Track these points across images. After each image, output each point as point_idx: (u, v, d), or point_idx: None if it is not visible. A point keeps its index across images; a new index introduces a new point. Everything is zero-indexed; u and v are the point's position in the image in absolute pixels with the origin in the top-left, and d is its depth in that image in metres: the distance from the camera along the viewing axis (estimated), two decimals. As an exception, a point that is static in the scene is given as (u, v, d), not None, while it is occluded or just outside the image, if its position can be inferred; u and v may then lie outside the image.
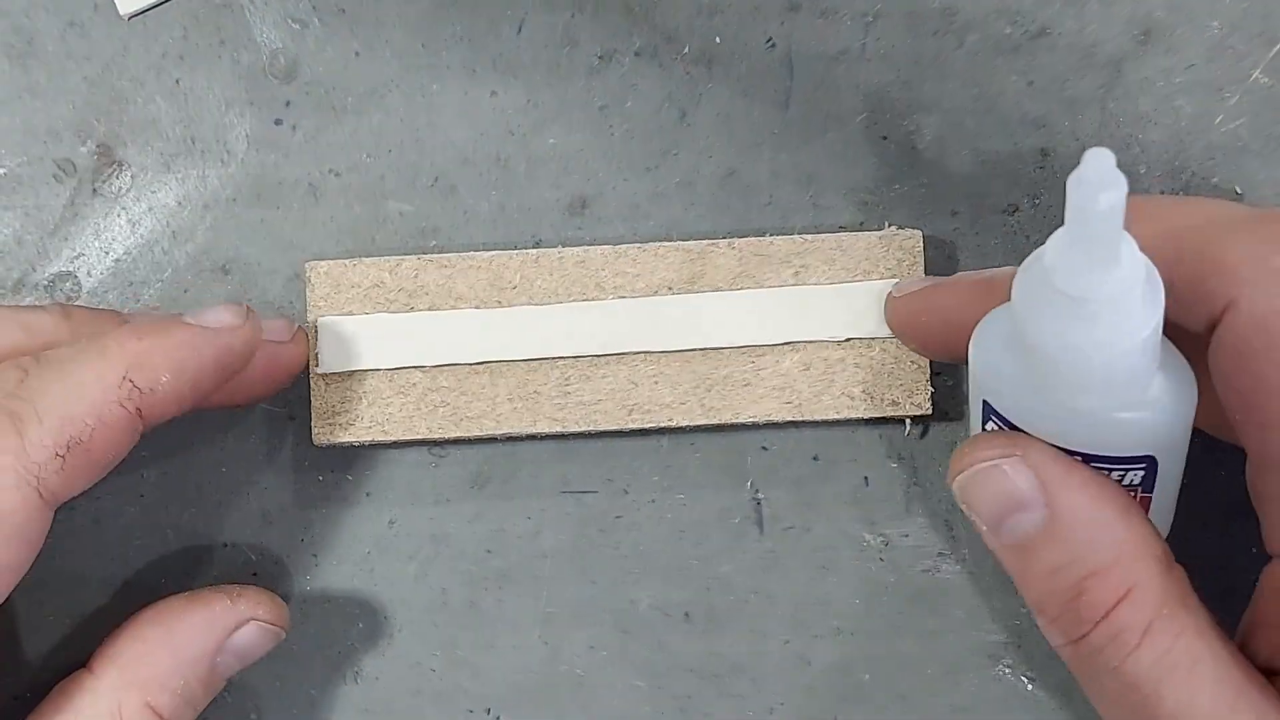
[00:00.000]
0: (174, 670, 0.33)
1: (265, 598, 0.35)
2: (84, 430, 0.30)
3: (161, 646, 0.33)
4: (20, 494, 0.29)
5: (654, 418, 0.36)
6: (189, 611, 0.34)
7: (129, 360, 0.31)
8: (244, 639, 0.34)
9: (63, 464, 0.29)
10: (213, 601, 0.34)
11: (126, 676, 0.33)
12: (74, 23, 0.38)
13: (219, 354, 0.32)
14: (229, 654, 0.34)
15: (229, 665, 0.35)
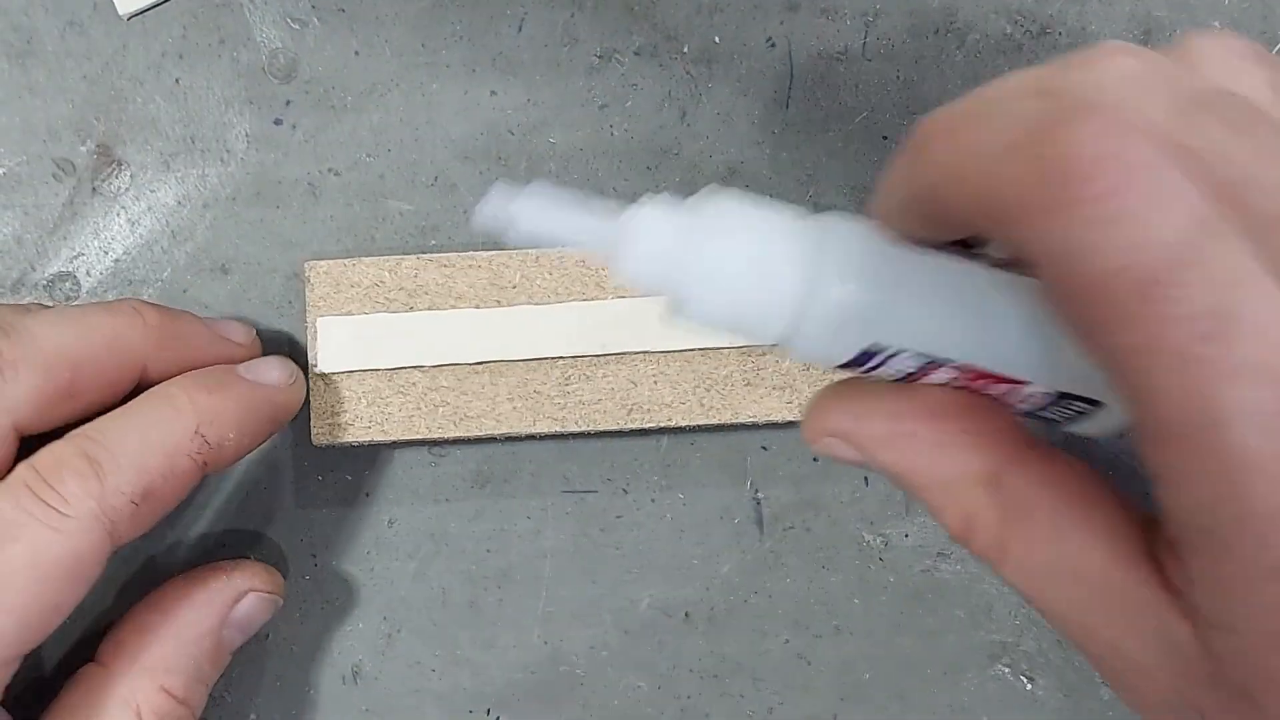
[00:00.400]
0: (182, 651, 0.34)
1: (260, 568, 0.36)
2: (157, 481, 0.31)
3: (167, 630, 0.34)
4: (96, 537, 0.30)
5: (654, 417, 0.36)
6: (188, 592, 0.35)
7: (200, 415, 0.32)
8: (245, 610, 0.35)
9: (135, 511, 0.31)
10: (210, 579, 0.35)
11: (137, 664, 0.34)
12: (73, 22, 0.38)
13: (275, 412, 0.34)
14: (232, 627, 0.35)
15: (233, 638, 0.35)
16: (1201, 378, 0.20)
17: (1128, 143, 0.20)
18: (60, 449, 0.31)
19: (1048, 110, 0.21)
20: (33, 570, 0.29)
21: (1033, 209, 0.21)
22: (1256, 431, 0.20)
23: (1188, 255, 0.20)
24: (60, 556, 0.29)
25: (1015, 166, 0.21)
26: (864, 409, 0.28)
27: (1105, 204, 0.20)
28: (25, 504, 0.30)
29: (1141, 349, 0.20)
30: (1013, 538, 0.26)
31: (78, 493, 0.30)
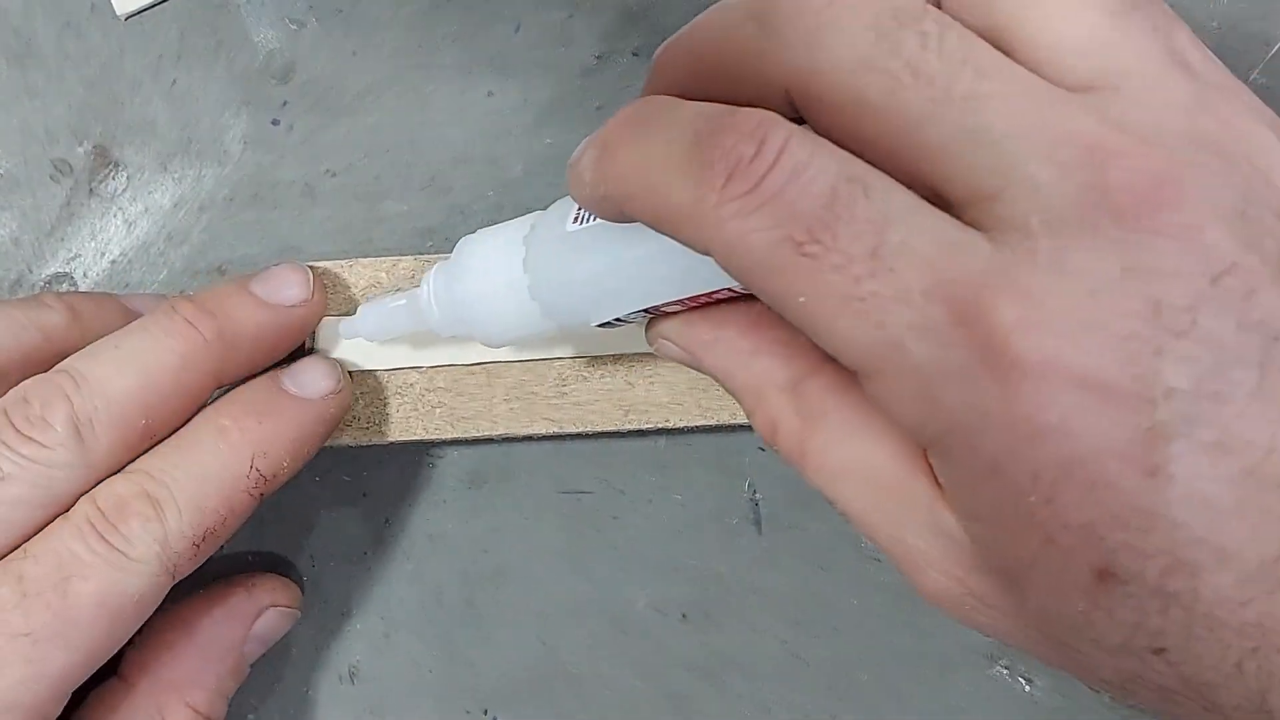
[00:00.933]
0: (205, 667, 0.35)
1: (279, 583, 0.37)
2: (216, 521, 0.31)
3: (191, 647, 0.35)
4: (161, 580, 0.31)
5: (650, 418, 0.36)
6: (211, 609, 0.36)
7: (254, 448, 0.32)
8: (265, 625, 0.36)
9: (196, 551, 0.31)
10: (231, 596, 0.36)
11: (162, 681, 0.34)
12: (70, 24, 0.38)
13: (327, 428, 0.34)
14: (253, 642, 0.36)
15: (254, 652, 0.36)
16: (870, 314, 0.22)
17: (765, 132, 0.23)
18: (120, 488, 0.31)
19: (698, 123, 0.24)
20: (100, 609, 0.30)
21: (692, 221, 0.24)
22: (932, 345, 0.22)
23: (832, 213, 0.22)
24: (127, 598, 0.30)
25: (671, 187, 0.24)
26: (694, 315, 0.30)
27: (751, 197, 0.23)
28: (92, 543, 0.30)
29: (815, 305, 0.23)
30: (810, 440, 0.28)
31: (142, 535, 0.30)
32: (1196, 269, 0.21)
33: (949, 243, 0.22)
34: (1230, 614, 0.21)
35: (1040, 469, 0.22)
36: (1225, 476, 0.21)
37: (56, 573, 0.30)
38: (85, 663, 0.30)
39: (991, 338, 0.22)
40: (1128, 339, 0.21)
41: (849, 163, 0.23)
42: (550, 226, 0.30)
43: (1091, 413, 0.21)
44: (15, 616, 0.29)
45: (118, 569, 0.30)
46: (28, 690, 0.29)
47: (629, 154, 0.26)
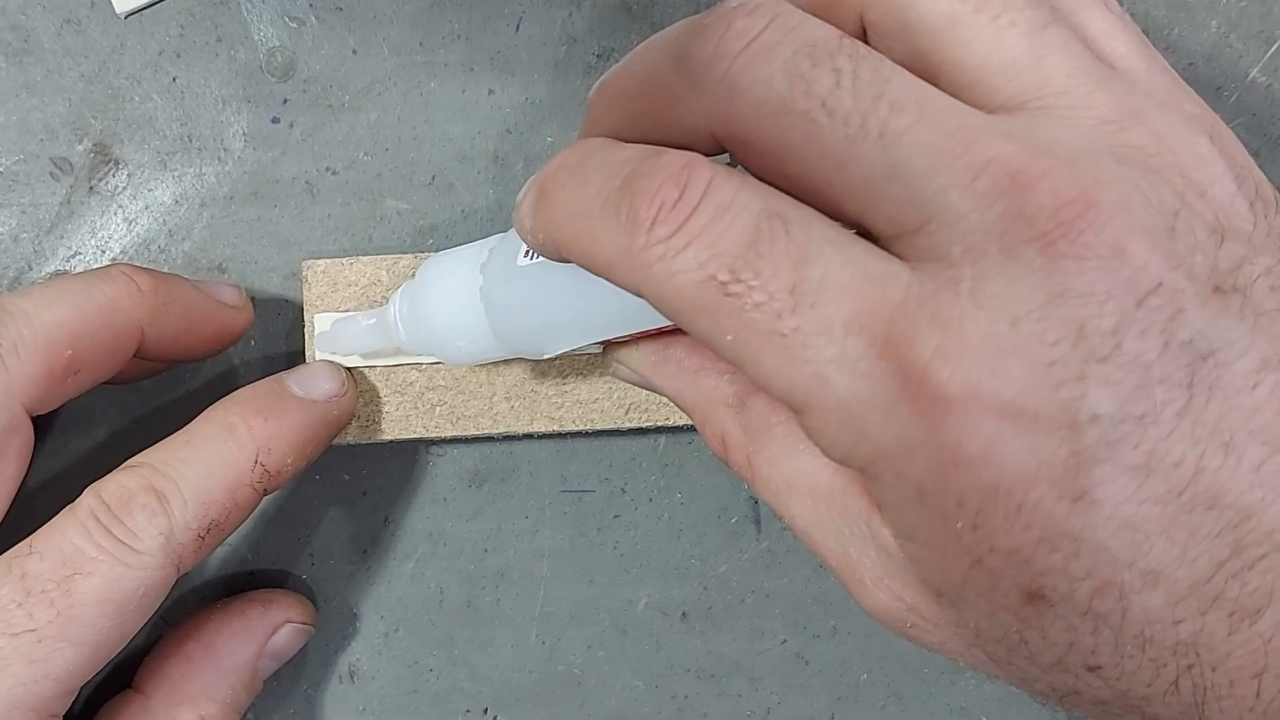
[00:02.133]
0: (221, 681, 0.35)
1: (294, 599, 0.37)
2: (221, 514, 0.31)
3: (206, 661, 0.35)
4: (165, 572, 0.31)
5: (651, 416, 0.36)
6: (227, 625, 0.36)
7: (259, 443, 0.32)
8: (280, 641, 0.36)
9: (200, 544, 0.31)
10: (248, 611, 0.36)
11: (177, 694, 0.35)
12: (70, 20, 0.38)
13: (330, 430, 0.35)
14: (267, 657, 0.36)
15: (268, 667, 0.36)
16: (794, 349, 0.22)
17: (689, 175, 0.23)
18: (126, 480, 0.31)
19: (625, 167, 0.24)
20: (105, 605, 0.30)
21: (623, 266, 0.24)
22: (855, 378, 0.22)
23: (753, 251, 0.23)
24: (131, 591, 0.30)
25: (602, 233, 0.25)
26: (643, 341, 0.31)
27: (676, 239, 0.23)
28: (97, 538, 0.30)
29: (741, 342, 0.23)
30: (757, 455, 0.28)
31: (147, 528, 0.30)
32: (1121, 290, 0.21)
33: (869, 275, 0.23)
34: (1163, 633, 0.22)
35: (965, 496, 0.22)
36: (1152, 498, 0.21)
37: (61, 569, 0.29)
38: (91, 659, 0.30)
39: (911, 368, 0.22)
40: (1050, 366, 0.21)
41: (772, 199, 0.23)
42: (503, 258, 0.31)
43: (1014, 441, 0.21)
44: (19, 614, 0.29)
45: (123, 563, 0.30)
46: (33, 689, 0.29)
47: (563, 200, 0.26)
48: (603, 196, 0.25)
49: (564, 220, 0.26)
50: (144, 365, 0.35)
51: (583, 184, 0.25)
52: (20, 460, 0.32)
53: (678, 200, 0.23)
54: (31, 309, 0.31)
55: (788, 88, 0.23)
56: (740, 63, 0.23)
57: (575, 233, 0.26)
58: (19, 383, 0.31)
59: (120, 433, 0.38)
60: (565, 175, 0.26)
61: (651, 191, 0.24)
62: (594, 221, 0.25)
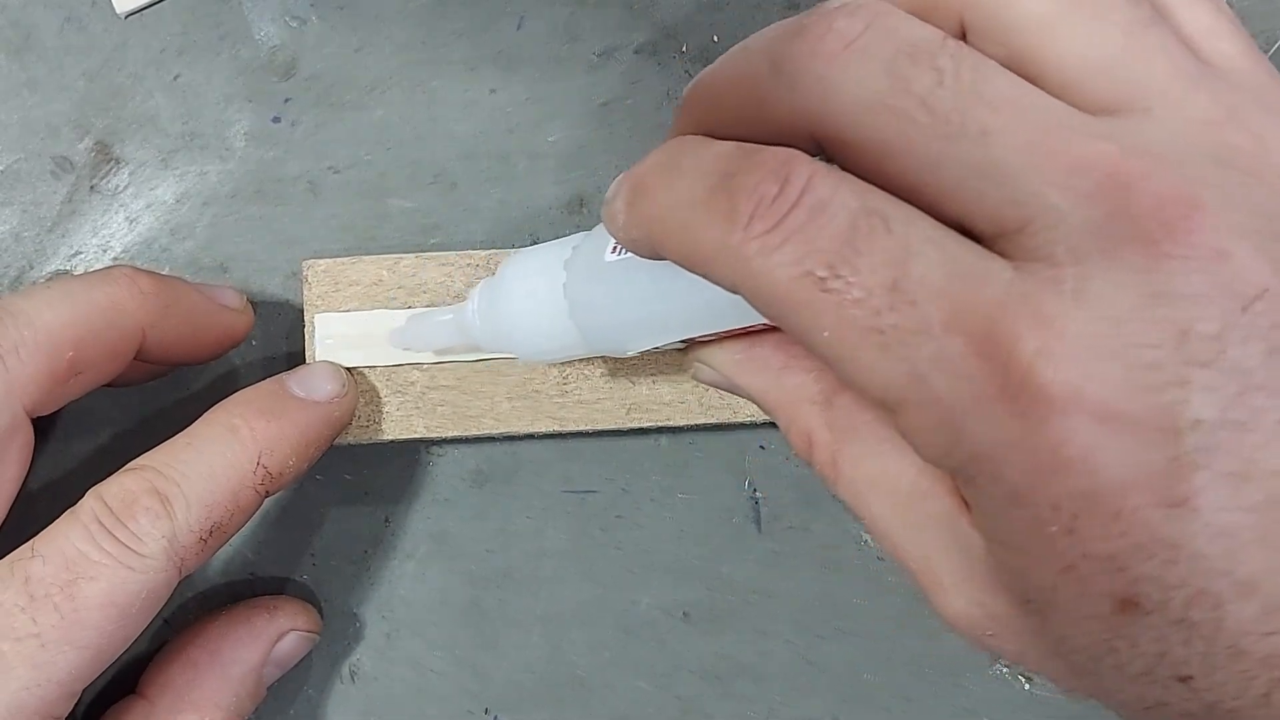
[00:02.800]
0: (226, 688, 0.35)
1: (299, 607, 0.37)
2: (223, 516, 0.31)
3: (211, 667, 0.35)
4: (168, 575, 0.30)
5: (653, 416, 0.36)
6: (233, 631, 0.36)
7: (260, 445, 0.32)
8: (285, 649, 0.36)
9: (203, 546, 0.31)
10: (253, 618, 0.36)
11: (182, 700, 0.35)
12: (72, 18, 0.38)
13: (332, 431, 0.35)
14: (272, 664, 0.36)
15: (272, 674, 0.37)
16: (892, 348, 0.22)
17: (788, 171, 0.23)
18: (129, 483, 0.31)
19: (723, 163, 0.24)
20: (108, 608, 0.30)
21: (720, 261, 0.24)
22: (954, 377, 0.22)
23: (852, 248, 0.22)
24: (134, 594, 0.30)
25: (699, 228, 0.24)
26: (728, 339, 0.31)
27: (774, 234, 0.23)
28: (100, 541, 0.30)
29: (838, 340, 0.23)
30: (842, 453, 0.28)
31: (151, 531, 0.30)
32: (1224, 294, 0.21)
33: (970, 273, 0.22)
34: (1254, 645, 0.21)
35: (1061, 500, 0.21)
36: (1249, 506, 0.21)
37: (64, 573, 0.29)
38: (94, 662, 0.30)
39: (1012, 369, 0.21)
40: (1151, 369, 0.21)
41: (870, 196, 0.23)
42: (589, 256, 0.31)
43: (1113, 445, 0.21)
44: (22, 619, 0.29)
45: (126, 566, 0.30)
46: (36, 692, 0.29)
47: (659, 197, 0.26)
48: (700, 192, 0.24)
49: (660, 217, 0.26)
50: (145, 368, 0.35)
51: (679, 180, 0.25)
52: (21, 462, 0.32)
53: (777, 195, 0.23)
54: (33, 310, 0.31)
55: (888, 87, 0.23)
56: (840, 62, 0.23)
57: (671, 229, 0.25)
58: (20, 384, 0.31)
59: (122, 435, 0.38)
60: (661, 172, 0.26)
61: (750, 187, 0.23)
62: (691, 217, 0.25)
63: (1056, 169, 0.22)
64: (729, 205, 0.24)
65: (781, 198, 0.23)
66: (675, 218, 0.25)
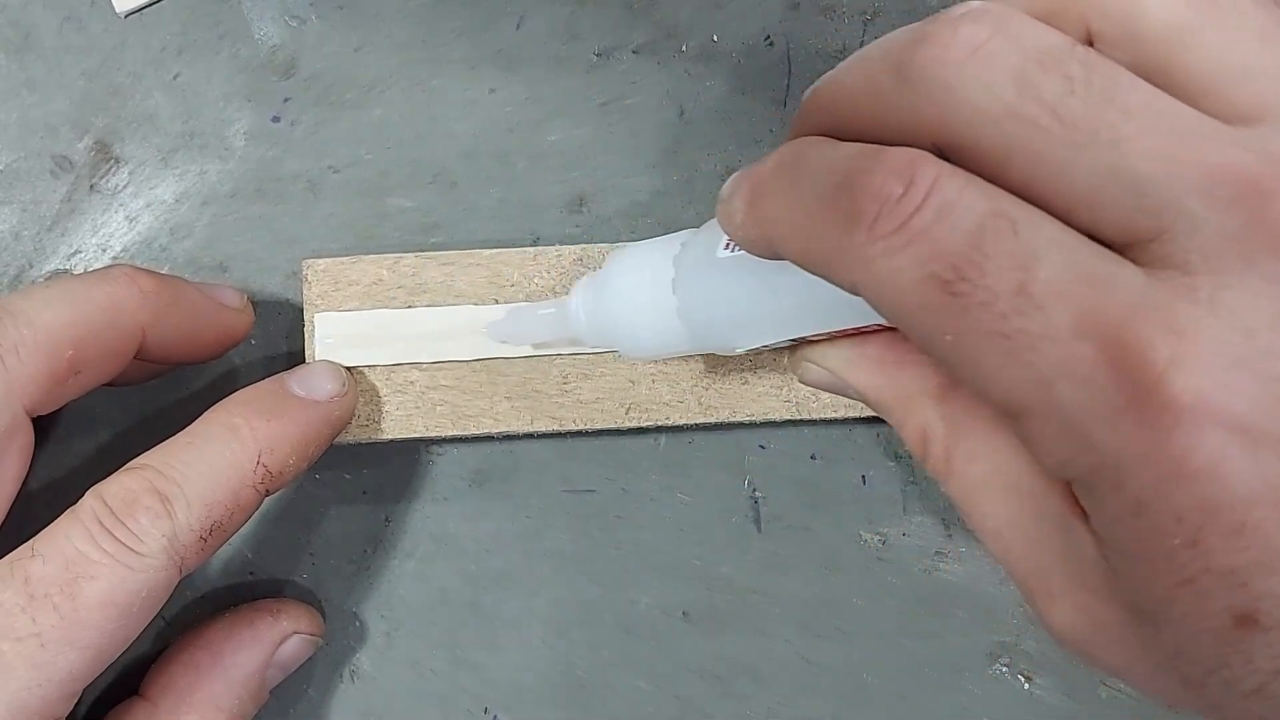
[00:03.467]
0: (229, 691, 0.35)
1: (303, 610, 0.37)
2: (223, 515, 0.31)
3: (214, 669, 0.35)
4: (169, 574, 0.30)
5: (652, 416, 0.36)
6: (235, 633, 0.36)
7: (261, 444, 0.32)
8: (288, 652, 0.36)
9: (203, 545, 0.31)
10: (256, 621, 0.36)
11: (184, 702, 0.34)
12: (71, 17, 0.38)
13: (332, 430, 0.35)
14: (275, 667, 0.36)
15: (275, 677, 0.36)
16: (1017, 352, 0.22)
17: (914, 172, 0.23)
18: (129, 482, 0.31)
19: (846, 163, 0.24)
20: (109, 608, 0.29)
21: (840, 262, 0.24)
22: (1081, 384, 0.21)
23: (979, 250, 0.22)
24: (134, 594, 0.30)
25: (820, 229, 0.24)
26: (838, 338, 0.31)
27: (898, 235, 0.23)
28: (100, 541, 0.30)
29: (960, 342, 0.22)
30: (956, 449, 0.28)
31: (151, 531, 0.30)
32: None
33: (1099, 279, 0.22)
34: None
35: (1185, 512, 0.21)
36: None
37: (64, 573, 0.29)
38: (94, 662, 0.30)
39: (1142, 377, 0.21)
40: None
41: (998, 199, 0.23)
42: (701, 251, 0.31)
43: (1241, 457, 0.21)
44: (22, 619, 0.29)
45: (126, 566, 0.30)
46: (37, 692, 0.29)
47: (779, 196, 0.26)
48: (822, 193, 0.24)
49: (780, 217, 0.26)
50: (145, 367, 0.35)
51: (800, 180, 0.25)
52: (21, 461, 0.32)
53: (902, 196, 0.23)
54: (32, 309, 0.31)
55: (1016, 94, 0.23)
56: (967, 69, 0.23)
57: (791, 229, 0.25)
58: (20, 383, 0.31)
59: (122, 434, 0.38)
60: (782, 172, 0.26)
61: (875, 188, 0.23)
62: (812, 217, 0.24)
63: (1193, 177, 0.22)
64: (852, 206, 0.23)
65: (906, 199, 0.23)
66: (796, 218, 0.25)
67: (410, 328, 0.36)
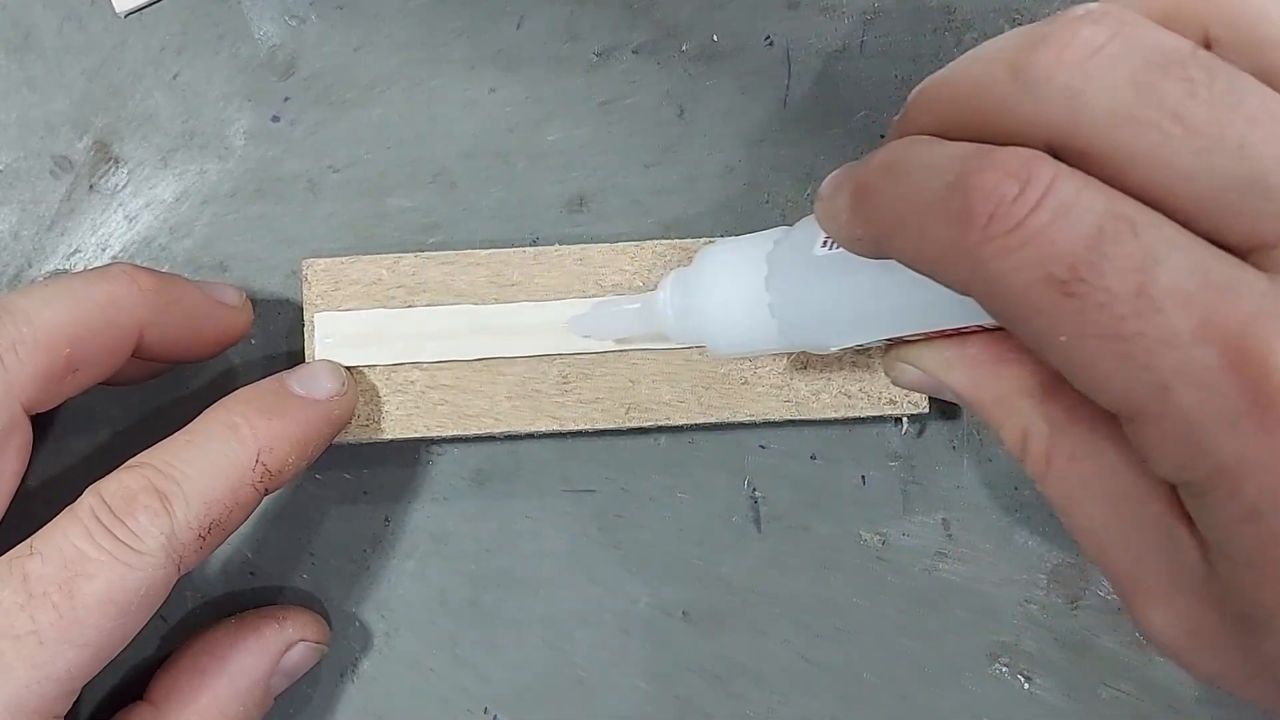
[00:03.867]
0: (234, 697, 0.35)
1: (309, 618, 0.37)
2: (222, 513, 0.31)
3: (220, 675, 0.35)
4: (167, 572, 0.30)
5: (653, 416, 0.36)
6: (242, 639, 0.36)
7: (260, 443, 0.32)
8: (294, 659, 0.36)
9: (202, 544, 0.31)
10: (263, 627, 0.36)
11: (189, 708, 0.34)
12: (71, 16, 0.38)
13: (332, 429, 0.34)
14: (280, 674, 0.36)
15: (280, 684, 0.36)
16: (1135, 356, 0.22)
17: (1030, 172, 0.23)
18: (128, 480, 0.31)
19: (958, 163, 0.24)
20: (107, 606, 0.29)
21: (951, 261, 0.24)
22: (1200, 389, 0.21)
23: (1097, 251, 0.22)
24: (133, 592, 0.30)
25: (931, 228, 0.24)
26: (935, 338, 0.30)
27: (1013, 236, 0.22)
28: (99, 539, 0.30)
29: (1076, 346, 0.22)
30: (1057, 448, 0.27)
31: (149, 529, 0.30)
32: None
33: (1221, 283, 0.22)
34: None
35: None
36: None
37: (63, 571, 0.29)
38: (93, 660, 0.30)
39: (1265, 383, 0.21)
40: None
41: (1116, 200, 0.22)
42: (796, 249, 0.30)
43: None
44: (21, 617, 0.29)
45: (125, 564, 0.30)
46: (36, 691, 0.29)
47: (887, 196, 0.25)
48: (933, 192, 0.24)
49: (887, 216, 0.25)
50: (144, 366, 0.35)
51: (909, 179, 0.25)
52: (20, 459, 0.32)
53: (1018, 196, 0.23)
54: (31, 307, 0.31)
55: (1136, 97, 0.22)
56: (1086, 71, 0.23)
57: (899, 228, 0.25)
58: (18, 381, 0.31)
59: (121, 432, 0.38)
60: (889, 171, 0.26)
61: (989, 187, 0.23)
62: (922, 217, 0.24)
63: None
64: (965, 205, 0.23)
65: (1022, 199, 0.22)
66: (905, 217, 0.25)
67: (410, 327, 0.36)
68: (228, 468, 0.31)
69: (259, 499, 0.32)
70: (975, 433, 0.38)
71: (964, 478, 0.38)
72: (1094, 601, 0.37)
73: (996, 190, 0.23)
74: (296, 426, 0.33)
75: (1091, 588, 0.37)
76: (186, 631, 0.37)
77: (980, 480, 0.38)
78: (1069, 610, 0.37)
